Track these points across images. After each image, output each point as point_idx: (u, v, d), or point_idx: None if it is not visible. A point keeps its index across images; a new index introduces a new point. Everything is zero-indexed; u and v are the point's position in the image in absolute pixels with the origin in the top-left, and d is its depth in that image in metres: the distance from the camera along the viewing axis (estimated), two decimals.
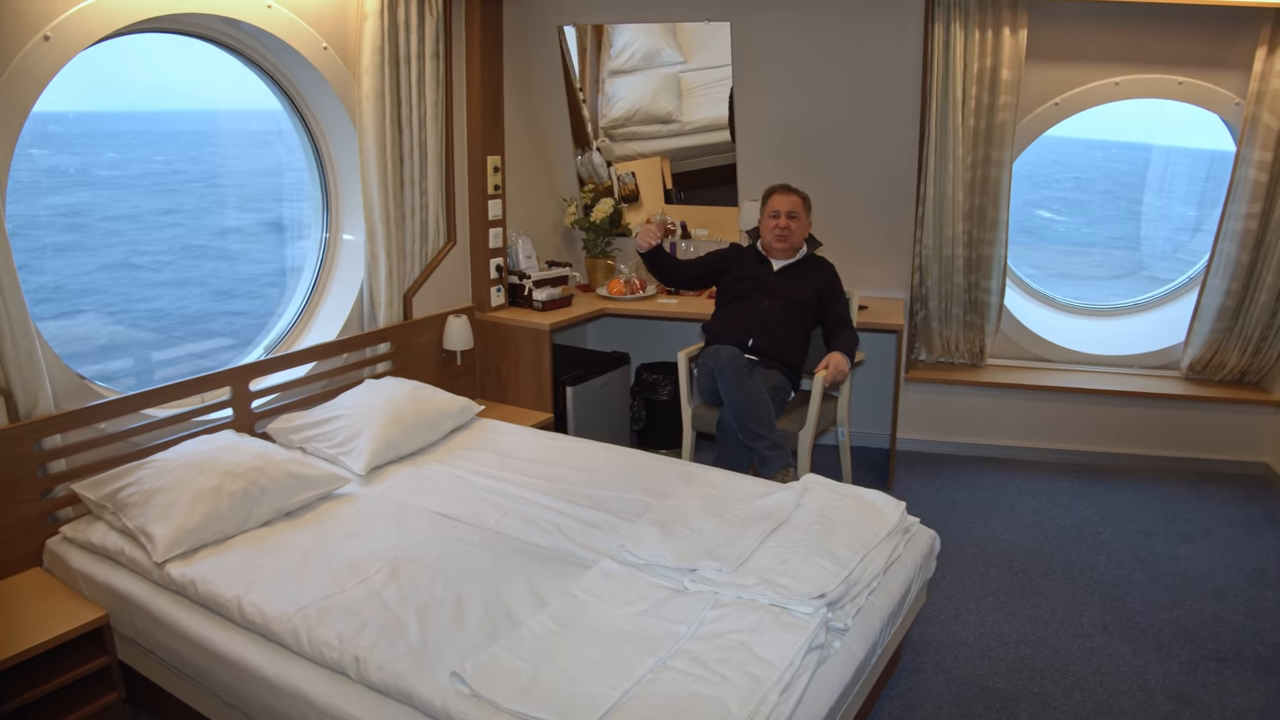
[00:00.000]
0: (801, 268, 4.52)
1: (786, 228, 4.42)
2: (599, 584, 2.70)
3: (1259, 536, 4.47)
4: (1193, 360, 5.24)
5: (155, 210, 4.05)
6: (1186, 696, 3.24)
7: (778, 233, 4.43)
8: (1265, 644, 3.57)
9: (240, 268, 4.35)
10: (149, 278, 3.99)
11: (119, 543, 3.01)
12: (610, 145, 5.66)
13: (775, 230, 4.43)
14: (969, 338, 5.40)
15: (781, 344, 4.40)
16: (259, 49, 3.94)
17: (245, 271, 4.36)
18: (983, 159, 4.96)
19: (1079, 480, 5.13)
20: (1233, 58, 4.69)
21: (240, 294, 4.31)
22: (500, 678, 2.23)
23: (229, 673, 2.57)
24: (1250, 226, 4.79)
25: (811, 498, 3.26)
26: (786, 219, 4.42)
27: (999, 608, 3.81)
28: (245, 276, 4.36)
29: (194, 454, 3.23)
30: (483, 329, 4.87)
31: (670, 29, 5.19)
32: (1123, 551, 4.30)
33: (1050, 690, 3.26)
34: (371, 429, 3.68)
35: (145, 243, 4.00)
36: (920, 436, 5.56)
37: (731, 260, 4.63)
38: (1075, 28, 4.77)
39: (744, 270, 4.55)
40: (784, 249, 4.47)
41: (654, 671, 2.28)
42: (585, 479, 3.57)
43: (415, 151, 4.39)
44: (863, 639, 2.61)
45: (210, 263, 4.23)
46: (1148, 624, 3.70)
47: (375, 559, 2.88)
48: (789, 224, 4.42)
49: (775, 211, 4.45)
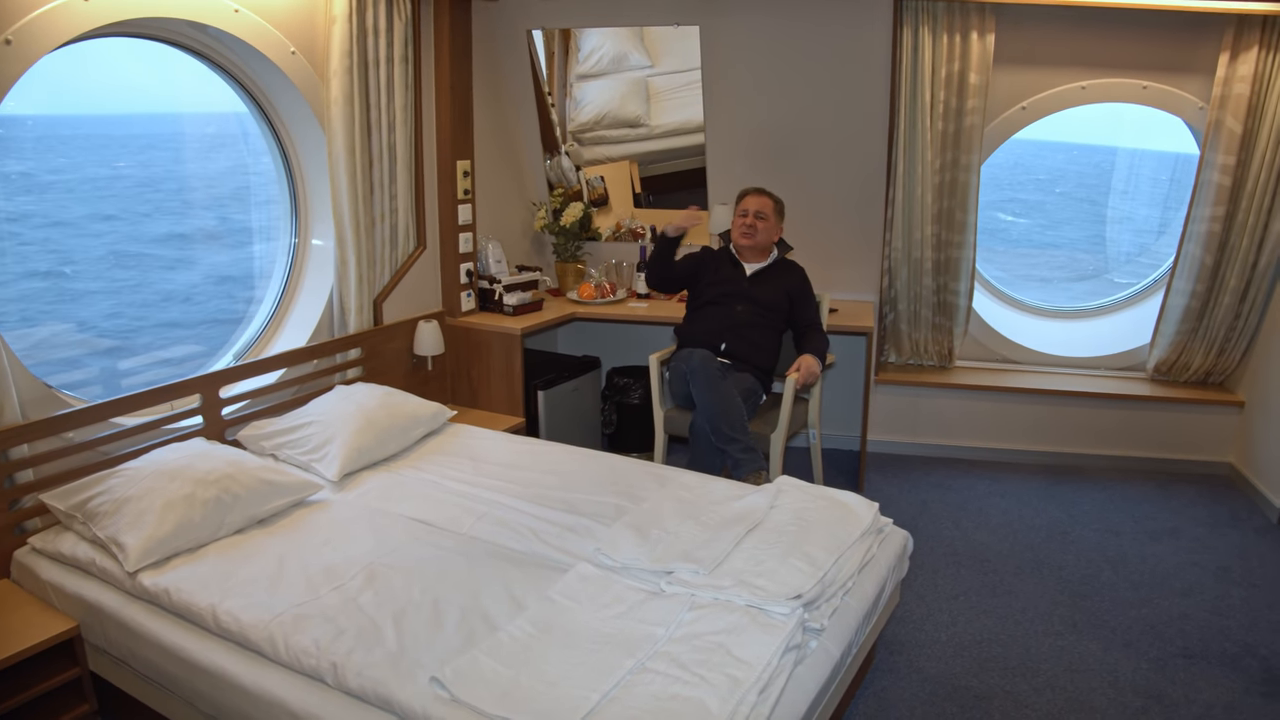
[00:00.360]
0: (773, 271, 4.56)
1: (752, 226, 4.48)
2: (576, 587, 2.70)
3: (1224, 535, 4.53)
4: (1158, 361, 5.31)
5: (93, 216, 3.96)
6: (1155, 693, 3.28)
7: (743, 229, 4.50)
8: (1231, 640, 3.62)
9: (177, 275, 4.26)
10: (77, 288, 3.90)
11: (89, 553, 2.97)
12: (579, 149, 5.67)
13: (741, 227, 4.51)
14: (938, 340, 5.45)
15: (753, 348, 4.43)
16: (226, 53, 3.91)
17: (181, 279, 4.26)
18: (951, 162, 5.01)
19: (1047, 481, 5.18)
20: (1196, 63, 4.77)
21: (175, 301, 4.23)
22: (480, 682, 2.22)
23: (205, 681, 2.55)
24: (1214, 229, 4.87)
25: (785, 500, 3.27)
26: (754, 218, 4.48)
27: (970, 607, 3.84)
28: (180, 285, 4.26)
29: (165, 462, 3.20)
30: (453, 334, 4.86)
31: (638, 33, 5.21)
32: (1091, 551, 4.35)
33: (1022, 688, 3.29)
34: (344, 435, 3.66)
35: (76, 250, 3.90)
36: (890, 438, 5.60)
37: (706, 264, 4.65)
38: (1042, 32, 4.83)
39: (718, 274, 4.57)
40: (749, 246, 4.53)
41: (633, 673, 2.28)
42: (559, 483, 3.57)
43: (385, 156, 4.38)
44: (839, 639, 2.62)
45: (144, 271, 4.14)
46: (1116, 622, 3.74)
47: (350, 565, 2.87)
48: (755, 223, 4.48)
49: (744, 210, 4.52)
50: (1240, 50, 4.60)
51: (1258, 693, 3.29)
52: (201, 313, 4.29)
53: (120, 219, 4.07)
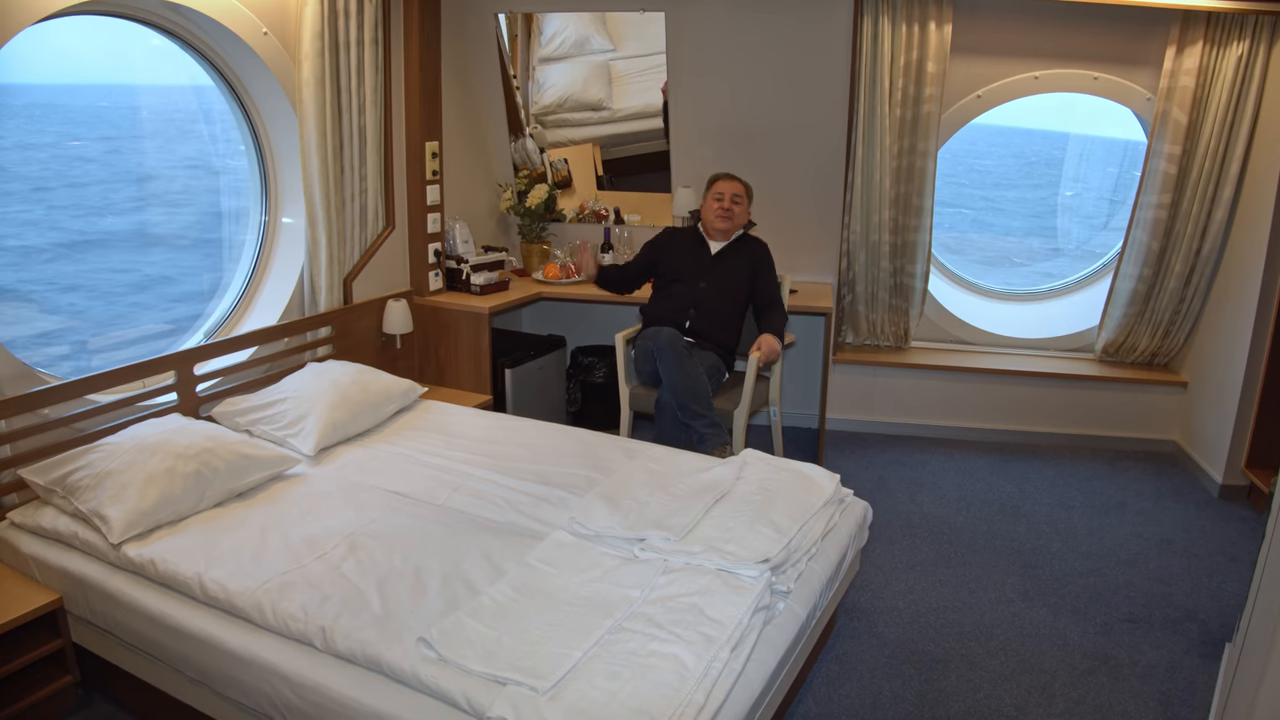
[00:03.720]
0: (736, 248, 4.67)
1: (729, 210, 4.61)
2: (553, 553, 2.80)
3: (1168, 509, 4.72)
4: (1106, 343, 5.49)
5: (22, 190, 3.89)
6: (1102, 655, 3.44)
7: (720, 213, 4.61)
8: (1173, 606, 3.80)
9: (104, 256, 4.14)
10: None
11: (71, 526, 3.02)
12: (542, 132, 5.73)
13: (718, 211, 4.61)
14: (894, 321, 5.59)
15: (717, 326, 4.55)
16: (197, 32, 3.94)
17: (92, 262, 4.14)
18: (909, 148, 5.14)
19: (1000, 457, 5.35)
20: (1145, 55, 4.94)
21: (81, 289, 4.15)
22: (465, 642, 2.32)
23: (193, 648, 2.62)
24: (1160, 216, 5.04)
25: (751, 471, 3.39)
26: (730, 202, 4.61)
27: (927, 576, 3.99)
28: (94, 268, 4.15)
29: (144, 437, 3.24)
30: (421, 313, 4.92)
31: (600, 17, 5.28)
32: (1042, 523, 4.52)
33: (976, 651, 3.44)
34: (318, 410, 3.73)
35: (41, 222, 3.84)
36: (847, 416, 5.73)
37: (664, 246, 4.79)
38: (997, 23, 4.98)
39: (682, 253, 4.70)
40: (725, 229, 4.63)
41: (612, 633, 2.39)
42: (531, 456, 3.66)
43: (355, 137, 4.42)
44: (804, 600, 2.75)
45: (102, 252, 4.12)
46: (1065, 590, 3.91)
47: (332, 535, 2.95)
48: (732, 207, 4.61)
49: (720, 194, 4.63)
50: (1186, 44, 4.76)
51: (1197, 653, 3.47)
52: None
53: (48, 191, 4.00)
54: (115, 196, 4.15)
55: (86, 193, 4.02)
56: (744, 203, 4.67)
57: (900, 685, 3.24)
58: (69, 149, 4.05)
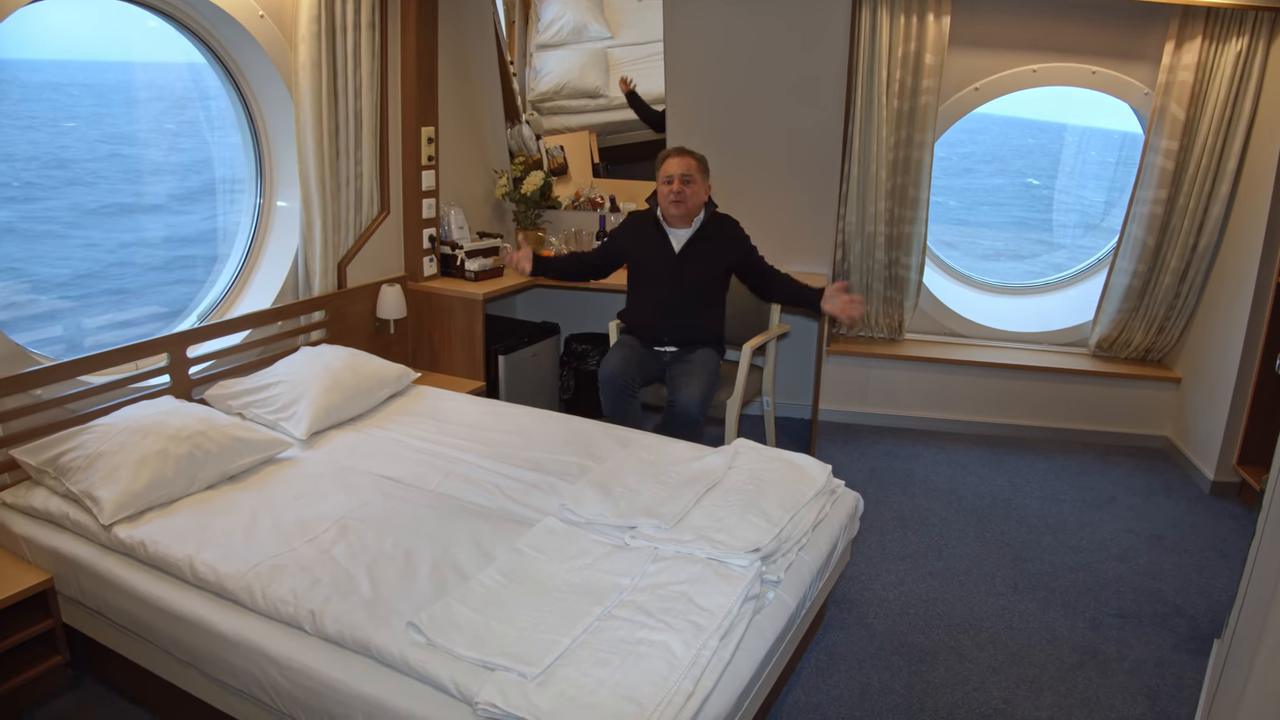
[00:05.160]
0: (703, 236, 4.30)
1: (680, 192, 4.17)
2: (543, 540, 2.80)
3: (1158, 504, 4.73)
4: (1100, 338, 5.49)
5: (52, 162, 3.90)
6: (1090, 649, 3.46)
7: (672, 198, 4.19)
8: (1162, 601, 3.81)
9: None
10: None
11: (63, 507, 3.02)
12: (538, 118, 5.72)
13: (670, 196, 4.20)
14: (888, 313, 5.59)
15: (698, 326, 4.34)
16: (192, 14, 3.92)
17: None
18: (905, 140, 5.14)
19: (992, 451, 5.36)
20: (1143, 50, 4.94)
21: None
22: (454, 627, 2.32)
23: (183, 630, 2.62)
24: (1156, 211, 5.04)
25: (742, 461, 3.40)
26: (680, 183, 4.17)
27: (917, 568, 4.00)
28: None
29: (136, 419, 3.24)
30: (415, 298, 4.92)
31: (598, 4, 5.27)
32: (1033, 517, 4.53)
33: (965, 644, 3.45)
34: (311, 394, 3.72)
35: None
36: (840, 407, 5.74)
37: (627, 240, 4.46)
38: (996, 16, 4.98)
39: (645, 248, 4.36)
40: (681, 215, 4.24)
41: (601, 620, 2.39)
42: (522, 443, 3.66)
43: (351, 121, 4.41)
44: (794, 590, 2.75)
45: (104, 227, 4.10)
46: (1055, 584, 3.92)
47: (322, 519, 2.95)
48: (683, 189, 4.17)
49: (669, 177, 4.20)
50: (1185, 40, 4.76)
51: (1185, 649, 3.48)
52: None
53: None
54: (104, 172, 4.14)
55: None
56: (697, 180, 4.20)
57: (889, 676, 3.25)
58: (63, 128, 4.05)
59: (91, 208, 4.04)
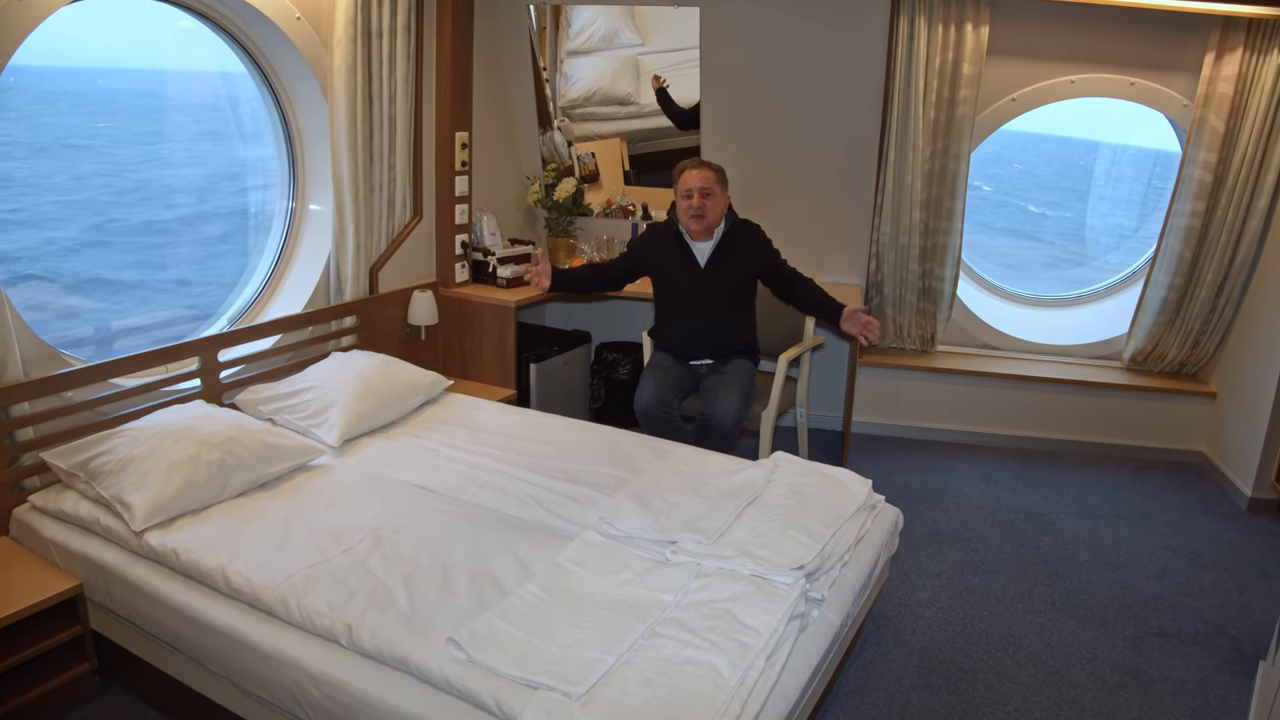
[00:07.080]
0: (726, 247, 4.19)
1: (701, 206, 4.07)
2: (583, 554, 2.76)
3: (1195, 521, 4.65)
4: (1135, 351, 5.41)
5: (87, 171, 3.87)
6: (1132, 669, 3.39)
7: (692, 213, 4.08)
8: (1203, 621, 3.74)
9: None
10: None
11: (93, 512, 3.00)
12: (570, 125, 5.69)
13: (690, 210, 4.08)
14: (921, 324, 5.53)
15: (732, 338, 4.28)
16: (230, 15, 3.90)
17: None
18: (941, 150, 5.08)
19: (1025, 465, 5.29)
20: (1183, 61, 4.86)
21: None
22: (495, 644, 2.27)
23: (216, 641, 2.58)
24: (1194, 224, 4.96)
25: (781, 474, 3.34)
26: (700, 197, 4.06)
27: (953, 584, 3.93)
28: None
29: (168, 423, 3.22)
30: (447, 305, 4.88)
31: (629, 11, 5.23)
32: (1068, 533, 4.45)
33: (1005, 663, 3.39)
34: (343, 401, 3.69)
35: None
36: (871, 419, 5.67)
37: (648, 255, 4.32)
38: (1034, 26, 4.90)
39: (668, 263, 4.25)
40: (702, 229, 4.12)
41: (644, 638, 2.34)
42: (558, 453, 3.62)
43: (385, 126, 4.38)
44: (838, 608, 2.70)
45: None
46: (1094, 601, 3.85)
47: (357, 529, 2.91)
48: (703, 202, 4.06)
49: (688, 191, 4.09)
50: (1225, 51, 4.69)
51: (1229, 670, 3.41)
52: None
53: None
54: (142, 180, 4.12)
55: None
56: (716, 192, 4.09)
57: (928, 695, 3.19)
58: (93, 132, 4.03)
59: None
